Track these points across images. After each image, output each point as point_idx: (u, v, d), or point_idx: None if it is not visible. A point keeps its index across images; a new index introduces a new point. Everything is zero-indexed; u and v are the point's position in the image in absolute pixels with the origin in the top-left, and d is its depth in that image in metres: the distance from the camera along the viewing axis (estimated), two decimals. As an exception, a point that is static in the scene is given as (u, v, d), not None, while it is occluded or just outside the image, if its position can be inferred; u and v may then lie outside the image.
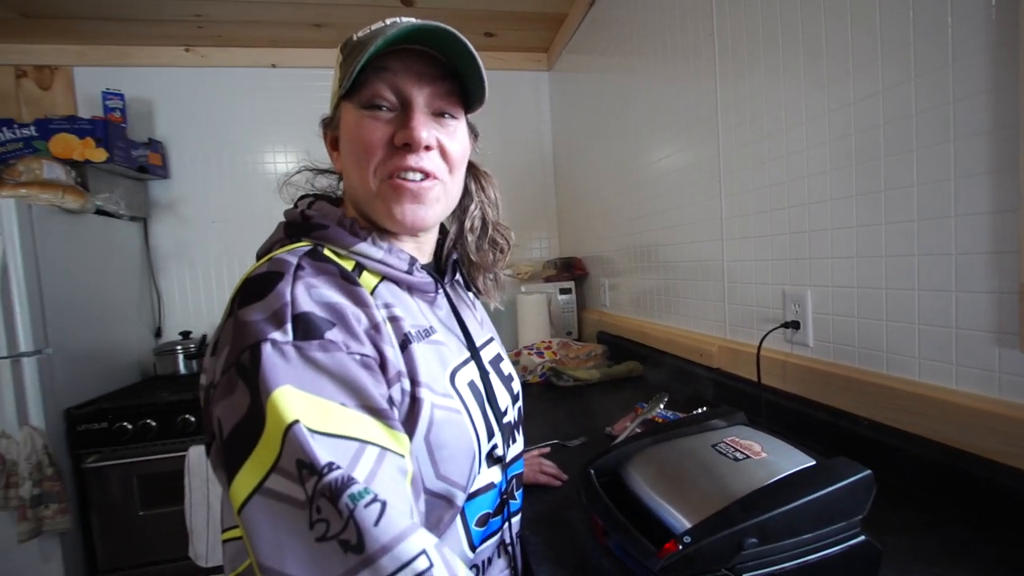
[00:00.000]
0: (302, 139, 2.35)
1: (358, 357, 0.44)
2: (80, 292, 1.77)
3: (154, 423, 1.67)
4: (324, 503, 0.36)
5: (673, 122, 1.37)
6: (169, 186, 2.25)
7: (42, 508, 1.49)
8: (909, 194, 0.74)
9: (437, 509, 0.49)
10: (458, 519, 0.53)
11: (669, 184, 1.41)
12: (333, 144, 0.60)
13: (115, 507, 1.67)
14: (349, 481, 0.37)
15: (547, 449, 0.98)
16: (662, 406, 1.02)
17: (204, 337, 2.14)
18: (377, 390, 0.44)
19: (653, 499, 0.59)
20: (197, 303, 2.29)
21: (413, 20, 0.51)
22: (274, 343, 0.41)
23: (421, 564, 0.36)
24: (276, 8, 1.95)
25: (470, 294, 0.73)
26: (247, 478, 0.38)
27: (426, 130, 0.52)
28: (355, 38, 0.53)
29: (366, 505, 0.36)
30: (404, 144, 0.51)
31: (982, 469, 0.64)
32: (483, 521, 0.56)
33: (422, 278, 0.57)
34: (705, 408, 0.92)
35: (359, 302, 0.47)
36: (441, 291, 0.61)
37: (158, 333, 2.23)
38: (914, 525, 0.65)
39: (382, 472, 0.39)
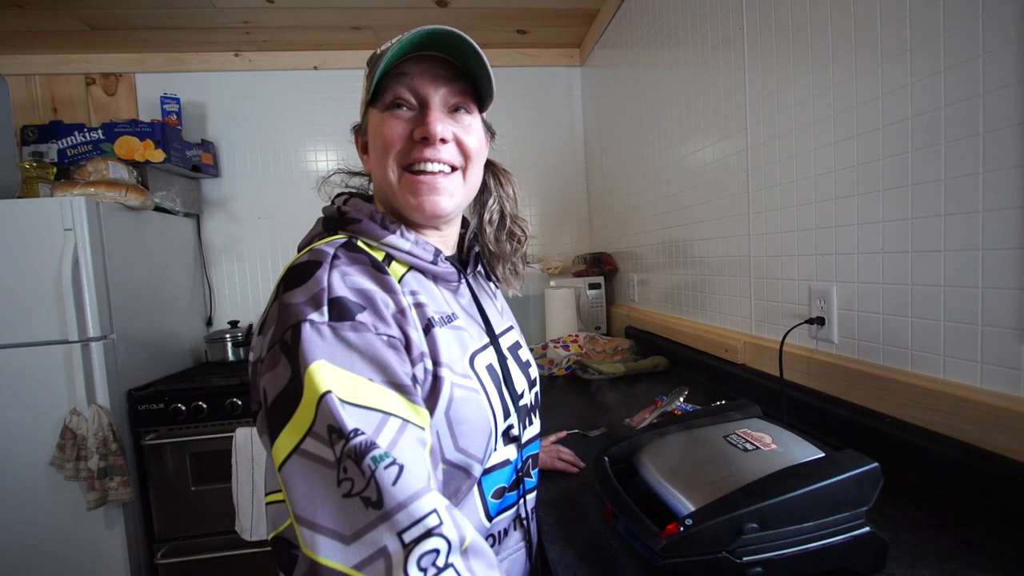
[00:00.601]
0: (342, 137, 2.44)
1: (385, 338, 0.49)
2: (140, 283, 1.91)
3: (205, 405, 1.80)
4: (350, 464, 0.41)
5: (703, 116, 1.36)
6: (220, 184, 2.39)
7: (107, 480, 1.64)
8: (937, 188, 0.72)
9: (456, 479, 0.54)
10: (475, 491, 0.57)
11: (698, 179, 1.40)
12: (363, 148, 0.65)
13: (170, 482, 1.81)
14: (372, 445, 0.41)
15: (563, 435, 1.01)
16: (682, 399, 1.03)
17: (250, 326, 2.27)
18: (401, 368, 0.48)
19: (662, 485, 0.61)
20: (244, 294, 2.43)
21: (428, 27, 0.54)
22: (312, 323, 0.46)
23: (432, 521, 0.40)
24: (317, 13, 2.04)
25: (491, 284, 0.76)
26: (286, 440, 0.43)
27: (441, 124, 0.56)
28: (378, 52, 0.57)
29: (386, 467, 0.41)
30: (422, 138, 0.56)
31: (1004, 469, 0.63)
32: (499, 494, 0.60)
33: (446, 268, 0.61)
34: (723, 402, 0.93)
35: (387, 289, 0.52)
36: (463, 281, 0.66)
37: (209, 322, 2.39)
38: (931, 523, 0.64)
39: (403, 441, 0.44)
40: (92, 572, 1.69)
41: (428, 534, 0.40)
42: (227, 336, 2.17)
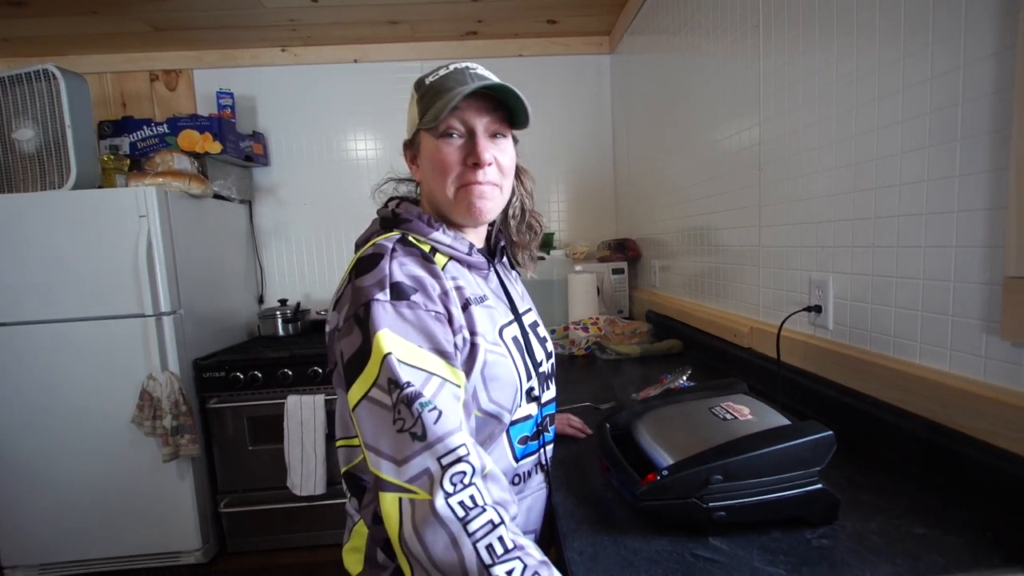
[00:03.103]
0: (380, 126, 2.59)
1: (433, 313, 0.63)
2: (202, 264, 2.12)
3: (260, 375, 2.00)
4: (403, 408, 0.56)
5: (724, 107, 1.41)
6: (269, 172, 2.57)
7: (179, 437, 1.86)
8: (921, 189, 0.78)
9: (489, 424, 0.68)
10: (504, 437, 0.71)
11: (719, 170, 1.46)
12: (412, 160, 0.77)
13: (230, 441, 2.03)
14: (419, 395, 0.56)
15: (575, 407, 1.13)
16: (684, 378, 1.12)
17: (298, 304, 2.46)
18: (445, 337, 0.62)
19: (650, 445, 0.72)
20: (292, 274, 2.63)
21: (480, 72, 0.69)
22: (378, 301, 0.60)
23: (462, 451, 0.55)
24: (357, 10, 2.16)
25: (513, 272, 0.89)
26: (358, 389, 0.58)
27: (487, 152, 0.69)
28: (427, 82, 0.70)
29: (429, 411, 0.56)
30: (474, 163, 0.69)
31: (963, 445, 0.71)
32: (523, 441, 0.74)
33: (479, 259, 0.75)
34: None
35: (434, 275, 0.66)
36: (492, 269, 0.78)
37: (260, 300, 2.61)
38: (890, 489, 0.73)
39: (442, 394, 0.58)
40: (167, 517, 1.95)
41: (459, 460, 0.54)
42: (278, 313, 2.37)
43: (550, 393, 0.82)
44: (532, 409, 0.75)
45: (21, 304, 1.83)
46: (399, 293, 0.61)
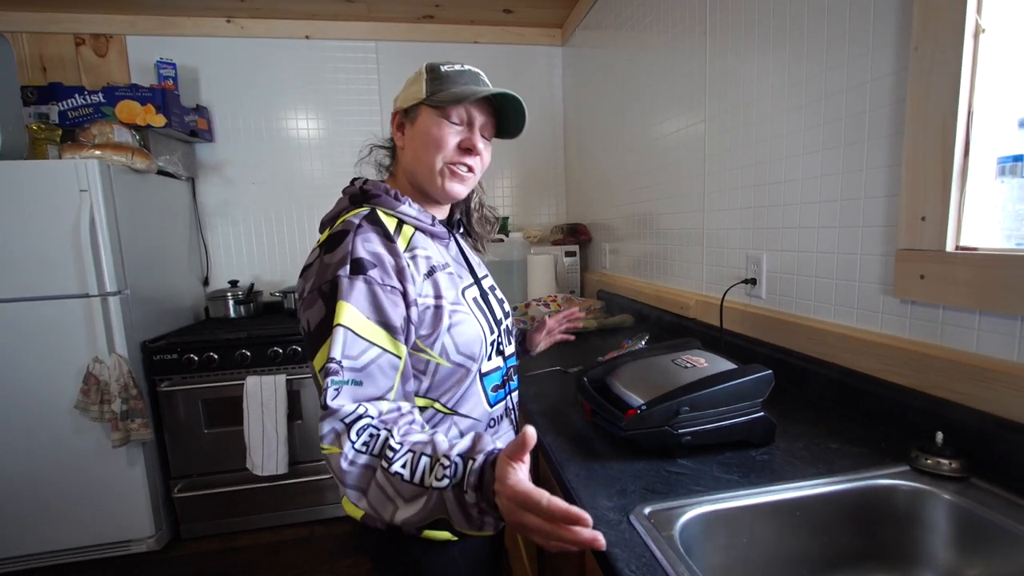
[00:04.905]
0: (331, 106, 2.56)
1: (388, 288, 0.69)
2: (146, 243, 2.03)
3: (216, 356, 1.96)
4: (325, 380, 0.63)
5: (672, 100, 1.57)
6: (214, 149, 2.47)
7: (129, 421, 1.80)
8: (836, 180, 0.96)
9: (459, 373, 0.77)
10: (479, 386, 0.80)
11: (665, 159, 1.63)
12: (400, 128, 0.83)
13: (184, 425, 1.98)
14: (336, 371, 0.63)
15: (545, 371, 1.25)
16: (643, 342, 1.27)
17: (252, 286, 2.40)
18: (393, 311, 0.69)
19: (625, 391, 0.85)
20: (240, 255, 2.55)
21: (507, 91, 0.77)
22: (340, 277, 0.66)
23: (360, 410, 0.62)
24: (314, -15, 2.13)
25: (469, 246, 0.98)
26: (320, 358, 0.65)
27: (481, 143, 0.79)
28: (443, 70, 0.77)
29: (335, 388, 0.62)
30: (467, 148, 0.78)
31: (864, 382, 0.90)
32: (495, 389, 0.83)
33: (440, 229, 0.83)
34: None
35: (393, 253, 0.72)
36: (452, 239, 0.87)
37: (206, 282, 2.51)
38: (813, 419, 0.91)
39: (376, 364, 0.66)
40: (117, 505, 1.88)
41: (359, 417, 0.61)
42: (228, 294, 2.31)
43: (511, 348, 0.91)
44: (499, 361, 0.85)
45: (-61, 284, 1.68)
46: (357, 268, 0.67)
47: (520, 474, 0.51)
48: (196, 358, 1.95)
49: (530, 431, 0.51)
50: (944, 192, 0.76)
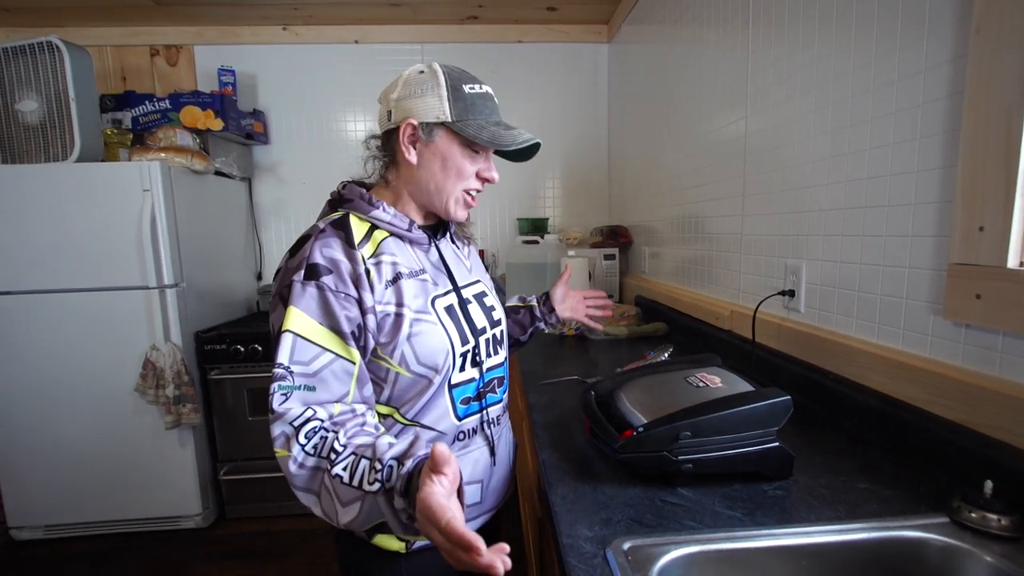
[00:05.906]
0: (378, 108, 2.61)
1: (342, 295, 0.68)
2: (203, 240, 2.17)
3: (260, 348, 2.06)
4: (273, 385, 0.65)
5: (715, 99, 1.47)
6: (269, 151, 2.60)
7: (181, 406, 1.93)
8: (884, 183, 0.86)
9: (420, 384, 0.75)
10: (447, 396, 0.77)
11: (709, 160, 1.53)
12: (414, 142, 0.77)
13: (230, 411, 2.10)
14: (283, 376, 0.65)
15: (562, 380, 1.21)
16: (666, 355, 1.20)
17: (296, 282, 2.51)
18: (346, 317, 0.68)
19: (629, 408, 0.80)
20: (290, 253, 2.67)
21: (531, 142, 0.78)
22: (295, 282, 0.67)
23: (309, 413, 0.64)
24: (360, -9, 2.18)
25: (467, 250, 0.95)
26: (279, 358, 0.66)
27: (495, 170, 0.82)
28: (465, 90, 0.75)
29: (282, 392, 0.65)
30: (485, 178, 0.81)
31: (906, 413, 0.79)
32: (466, 402, 0.80)
33: (419, 235, 0.80)
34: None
35: (352, 260, 0.71)
36: (434, 245, 0.84)
37: (259, 276, 2.65)
38: (844, 451, 0.81)
39: (329, 368, 0.66)
40: (168, 482, 2.02)
41: (308, 420, 0.63)
42: (276, 289, 2.42)
43: (496, 359, 0.86)
44: (474, 373, 0.81)
45: (25, 274, 1.87)
46: (312, 273, 0.67)
47: (435, 487, 0.49)
48: (242, 349, 2.06)
49: (440, 448, 0.50)
50: (1007, 199, 0.65)
